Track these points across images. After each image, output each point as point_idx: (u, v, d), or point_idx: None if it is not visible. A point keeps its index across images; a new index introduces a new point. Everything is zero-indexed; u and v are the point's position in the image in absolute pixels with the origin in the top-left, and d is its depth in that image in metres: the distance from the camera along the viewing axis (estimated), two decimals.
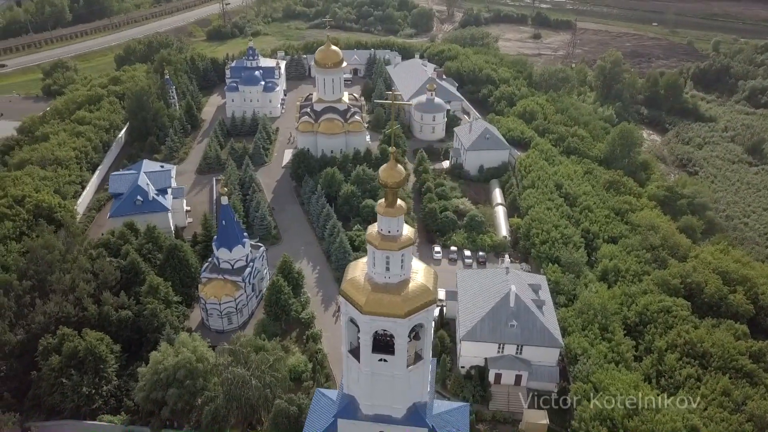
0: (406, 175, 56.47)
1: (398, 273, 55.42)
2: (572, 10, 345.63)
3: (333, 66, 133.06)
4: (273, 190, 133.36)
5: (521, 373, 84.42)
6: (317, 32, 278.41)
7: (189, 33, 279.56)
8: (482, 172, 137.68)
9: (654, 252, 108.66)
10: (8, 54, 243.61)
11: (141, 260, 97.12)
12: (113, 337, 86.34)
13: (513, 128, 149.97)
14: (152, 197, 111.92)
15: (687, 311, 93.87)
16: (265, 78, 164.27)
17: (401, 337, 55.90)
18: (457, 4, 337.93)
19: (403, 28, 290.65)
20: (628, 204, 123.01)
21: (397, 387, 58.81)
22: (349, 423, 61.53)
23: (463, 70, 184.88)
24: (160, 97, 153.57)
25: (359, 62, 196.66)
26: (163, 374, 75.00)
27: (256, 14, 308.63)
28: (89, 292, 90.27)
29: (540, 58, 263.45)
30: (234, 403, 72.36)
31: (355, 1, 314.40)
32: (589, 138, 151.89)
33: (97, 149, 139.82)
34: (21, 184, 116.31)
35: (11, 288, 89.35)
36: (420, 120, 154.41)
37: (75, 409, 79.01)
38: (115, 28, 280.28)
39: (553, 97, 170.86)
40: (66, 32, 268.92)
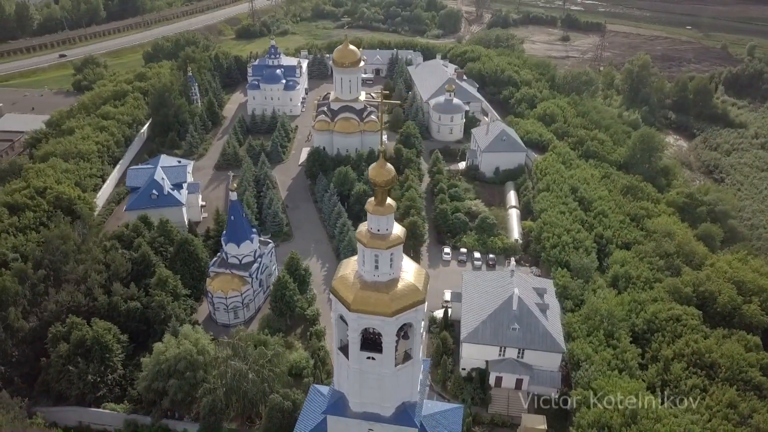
0: (396, 174, 56.44)
1: (387, 272, 55.46)
2: (604, 12, 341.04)
3: (350, 65, 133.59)
4: (288, 188, 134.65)
5: (522, 377, 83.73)
6: (344, 31, 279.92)
7: (219, 31, 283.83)
8: (498, 174, 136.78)
9: (668, 259, 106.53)
10: (44, 50, 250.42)
11: (152, 253, 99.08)
12: (122, 327, 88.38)
13: (531, 131, 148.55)
14: (167, 192, 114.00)
15: (697, 320, 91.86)
16: (286, 76, 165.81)
17: (389, 336, 55.93)
18: (486, 5, 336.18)
19: (430, 28, 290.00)
20: (644, 210, 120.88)
21: (386, 386, 58.82)
22: (338, 420, 61.82)
23: (485, 71, 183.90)
24: (182, 94, 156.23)
25: (381, 62, 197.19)
26: (165, 365, 76.55)
27: (285, 13, 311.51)
28: (100, 283, 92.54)
29: (567, 60, 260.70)
30: (232, 396, 73.37)
31: (383, 2, 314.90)
32: (609, 142, 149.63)
33: (120, 144, 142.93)
34: (43, 176, 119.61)
35: (26, 276, 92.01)
36: (438, 120, 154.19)
37: (80, 396, 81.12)
38: (147, 25, 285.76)
39: (575, 100, 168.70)
40: (99, 29, 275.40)
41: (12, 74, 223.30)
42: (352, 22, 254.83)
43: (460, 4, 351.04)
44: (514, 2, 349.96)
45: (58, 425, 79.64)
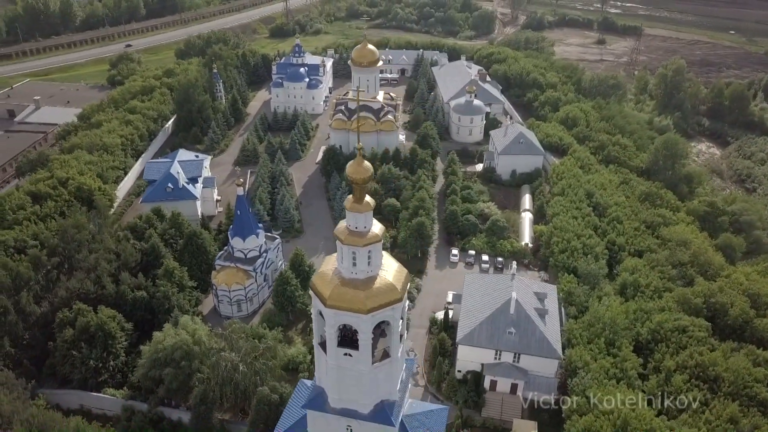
0: (372, 172, 56.74)
1: (365, 269, 55.76)
2: (644, 15, 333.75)
3: (368, 65, 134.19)
4: (303, 185, 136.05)
5: (517, 382, 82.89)
6: (377, 31, 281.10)
7: (253, 30, 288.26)
8: (514, 177, 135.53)
9: (681, 269, 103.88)
10: (84, 45, 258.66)
11: (162, 245, 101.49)
12: (127, 315, 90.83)
13: (551, 134, 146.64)
14: (182, 185, 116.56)
15: (705, 332, 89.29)
16: (309, 75, 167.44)
17: (364, 333, 56.21)
18: (522, 7, 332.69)
19: (463, 30, 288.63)
20: (661, 217, 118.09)
21: (363, 383, 59.11)
22: (317, 415, 62.43)
23: (510, 73, 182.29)
24: (206, 90, 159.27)
25: (407, 62, 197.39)
26: (162, 354, 78.41)
27: (319, 13, 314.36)
28: (110, 272, 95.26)
29: (601, 64, 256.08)
30: (223, 387, 74.66)
31: (417, 2, 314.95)
32: (632, 147, 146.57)
33: (144, 137, 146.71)
34: (67, 167, 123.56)
35: (40, 263, 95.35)
36: (457, 122, 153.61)
37: (83, 380, 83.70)
38: (185, 23, 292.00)
39: (599, 104, 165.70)
40: (138, 26, 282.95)
41: (51, 69, 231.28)
42: (371, 20, 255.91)
43: (496, 5, 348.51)
44: (551, 4, 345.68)
45: (61, 407, 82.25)
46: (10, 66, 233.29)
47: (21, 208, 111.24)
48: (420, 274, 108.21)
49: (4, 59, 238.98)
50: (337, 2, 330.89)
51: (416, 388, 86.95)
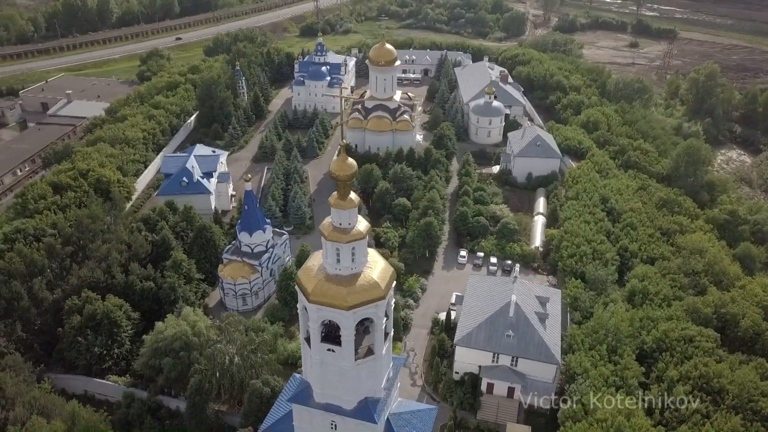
0: (357, 169, 56.97)
1: (348, 266, 56.15)
2: (681, 19, 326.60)
3: (386, 64, 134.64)
4: (318, 183, 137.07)
5: (514, 385, 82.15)
6: (407, 32, 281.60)
7: (284, 29, 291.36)
8: (530, 180, 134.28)
9: (694, 277, 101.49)
10: (118, 42, 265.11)
11: (173, 237, 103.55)
12: (135, 305, 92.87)
13: (570, 137, 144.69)
14: (197, 179, 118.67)
15: (713, 343, 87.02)
16: (331, 74, 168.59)
17: (347, 329, 56.59)
18: (555, 8, 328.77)
19: (493, 31, 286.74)
20: (678, 225, 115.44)
21: (346, 379, 59.49)
22: (302, 409, 63.02)
23: (533, 75, 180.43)
24: (228, 87, 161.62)
25: (430, 63, 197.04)
26: (162, 343, 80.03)
27: (350, 12, 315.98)
28: (120, 262, 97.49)
29: (633, 67, 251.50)
30: (219, 378, 75.79)
31: (448, 3, 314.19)
32: (654, 153, 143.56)
33: (165, 132, 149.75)
34: (88, 159, 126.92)
35: (55, 251, 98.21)
36: (476, 123, 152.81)
37: (87, 366, 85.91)
38: (217, 21, 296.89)
39: (623, 108, 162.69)
40: (172, 23, 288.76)
41: (86, 64, 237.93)
42: (388, 18, 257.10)
43: (529, 7, 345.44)
44: (585, 7, 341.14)
45: (66, 392, 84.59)
46: (47, 61, 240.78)
47: (42, 198, 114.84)
48: (426, 274, 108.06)
49: (42, 54, 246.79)
50: (368, 2, 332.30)
51: (413, 388, 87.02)
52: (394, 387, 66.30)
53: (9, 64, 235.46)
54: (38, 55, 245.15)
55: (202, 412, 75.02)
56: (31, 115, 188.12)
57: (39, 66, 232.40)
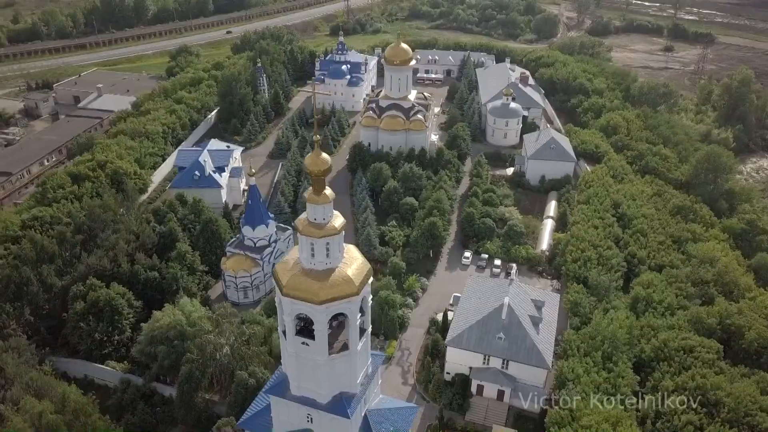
0: (330, 165, 57.47)
1: (323, 260, 56.68)
2: (721, 23, 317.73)
3: (401, 63, 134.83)
4: (330, 180, 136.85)
5: (504, 388, 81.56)
6: (436, 32, 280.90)
7: (315, 27, 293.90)
8: (543, 183, 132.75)
9: (702, 287, 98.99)
10: (152, 38, 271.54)
11: (179, 229, 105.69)
12: (139, 294, 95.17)
13: (587, 141, 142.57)
14: (208, 173, 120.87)
15: (714, 355, 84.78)
16: (351, 73, 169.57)
17: (319, 324, 57.14)
18: (589, 11, 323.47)
19: (524, 33, 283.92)
20: (690, 233, 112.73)
21: (320, 372, 60.05)
22: (279, 401, 63.82)
23: (556, 77, 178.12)
24: (249, 84, 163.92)
25: (453, 63, 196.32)
26: (158, 332, 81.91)
27: (381, 12, 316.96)
28: (127, 251, 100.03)
29: (665, 72, 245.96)
30: (208, 368, 77.21)
31: (479, 4, 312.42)
32: (673, 159, 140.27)
33: (185, 127, 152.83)
34: (108, 151, 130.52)
35: (65, 239, 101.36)
36: (493, 124, 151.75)
37: (88, 351, 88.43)
38: (249, 19, 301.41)
39: (645, 113, 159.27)
40: (206, 21, 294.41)
41: (120, 59, 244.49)
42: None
43: (563, 9, 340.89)
44: (621, 9, 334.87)
45: (68, 375, 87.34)
46: (83, 55, 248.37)
47: (60, 188, 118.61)
48: (429, 274, 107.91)
49: (79, 49, 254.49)
50: (399, 2, 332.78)
51: (405, 386, 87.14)
52: (373, 383, 66.59)
53: (47, 59, 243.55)
54: (75, 50, 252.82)
55: (191, 400, 76.51)
56: (63, 107, 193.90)
57: (75, 60, 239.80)
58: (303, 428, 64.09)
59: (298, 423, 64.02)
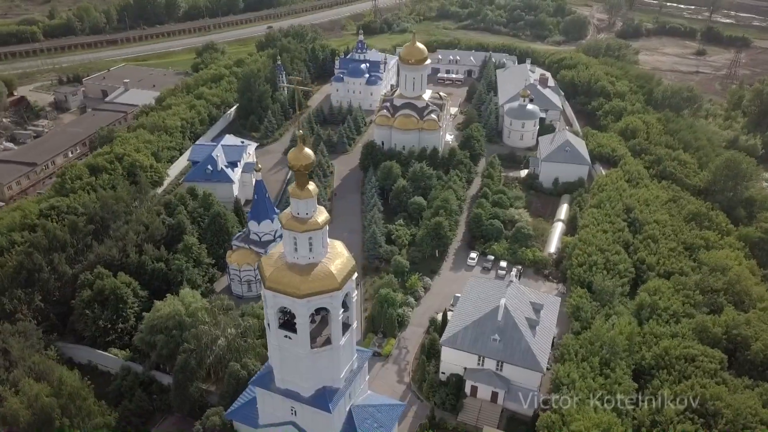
0: (314, 160, 57.94)
1: (306, 255, 57.43)
2: (758, 27, 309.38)
3: (416, 63, 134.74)
4: (342, 178, 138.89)
5: (498, 390, 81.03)
6: (463, 33, 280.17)
7: (342, 26, 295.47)
8: (556, 186, 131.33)
9: (711, 295, 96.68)
10: (182, 35, 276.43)
11: (188, 222, 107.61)
12: (145, 284, 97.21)
13: (603, 144, 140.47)
14: (221, 168, 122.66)
15: (717, 365, 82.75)
16: (370, 71, 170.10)
17: (301, 317, 58.01)
18: (621, 13, 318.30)
19: (553, 34, 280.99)
20: (703, 240, 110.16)
21: (303, 366, 60.84)
22: (264, 392, 64.86)
23: (577, 79, 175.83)
24: (268, 81, 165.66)
25: (474, 64, 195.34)
26: (157, 321, 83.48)
27: (410, 12, 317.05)
28: (136, 242, 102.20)
29: (696, 75, 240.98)
30: (203, 358, 78.49)
31: (508, 4, 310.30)
32: (693, 164, 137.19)
33: (204, 122, 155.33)
34: (126, 144, 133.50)
35: (77, 229, 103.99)
36: (509, 125, 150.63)
37: (93, 338, 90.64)
38: (278, 17, 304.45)
39: (667, 117, 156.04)
40: (235, 19, 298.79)
41: (149, 55, 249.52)
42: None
43: (594, 11, 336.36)
44: (654, 12, 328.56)
45: (73, 360, 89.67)
46: (114, 51, 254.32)
47: (78, 178, 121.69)
48: (433, 274, 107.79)
49: (110, 45, 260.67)
50: (428, 2, 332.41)
51: (400, 384, 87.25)
52: (358, 379, 67.04)
53: (80, 53, 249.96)
54: (106, 46, 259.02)
55: (185, 389, 77.83)
56: (91, 101, 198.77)
57: (106, 56, 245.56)
58: (287, 421, 64.95)
59: (282, 415, 64.88)
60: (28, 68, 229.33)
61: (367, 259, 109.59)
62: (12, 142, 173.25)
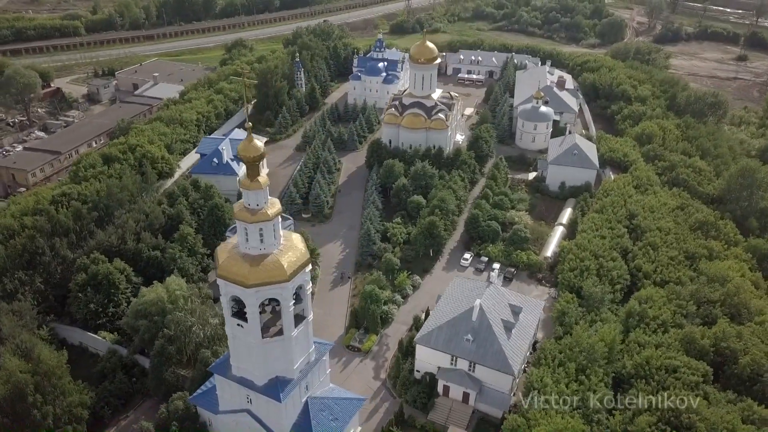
0: (263, 152, 58.89)
1: (257, 245, 58.57)
2: None
3: (426, 62, 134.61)
4: (349, 175, 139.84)
5: (469, 391, 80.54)
6: (496, 34, 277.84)
7: (375, 25, 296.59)
8: (563, 189, 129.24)
9: (706, 306, 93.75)
10: (217, 32, 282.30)
11: (188, 212, 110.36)
12: (140, 270, 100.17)
13: (615, 149, 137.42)
14: (226, 161, 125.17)
15: (699, 377, 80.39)
16: (387, 70, 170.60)
17: (251, 307, 59.22)
18: (663, 16, 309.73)
19: (588, 37, 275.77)
20: (707, 249, 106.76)
21: (255, 355, 62.08)
22: (222, 380, 66.37)
23: (599, 83, 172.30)
24: (284, 78, 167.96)
25: (495, 65, 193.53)
26: (141, 307, 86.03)
27: (445, 12, 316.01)
28: (134, 230, 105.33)
29: (734, 82, 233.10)
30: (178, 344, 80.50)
31: (544, 6, 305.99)
32: (708, 172, 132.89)
33: (220, 116, 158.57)
34: (140, 135, 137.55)
35: (81, 215, 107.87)
36: (521, 127, 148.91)
37: (84, 320, 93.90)
38: (313, 15, 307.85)
39: (687, 123, 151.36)
40: (270, 17, 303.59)
41: (183, 50, 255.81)
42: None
43: (635, 14, 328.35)
44: (697, 15, 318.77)
45: (67, 341, 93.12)
46: (149, 46, 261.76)
47: (92, 167, 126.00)
48: (425, 273, 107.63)
49: (147, 40, 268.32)
50: (464, 2, 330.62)
51: (375, 381, 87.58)
52: (316, 371, 67.84)
53: (118, 48, 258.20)
54: (143, 41, 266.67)
55: (161, 374, 80.00)
56: (122, 94, 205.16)
57: (142, 50, 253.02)
58: (243, 408, 66.27)
59: (239, 403, 66.30)
60: (67, 61, 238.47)
61: (361, 255, 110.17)
62: (44, 131, 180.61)
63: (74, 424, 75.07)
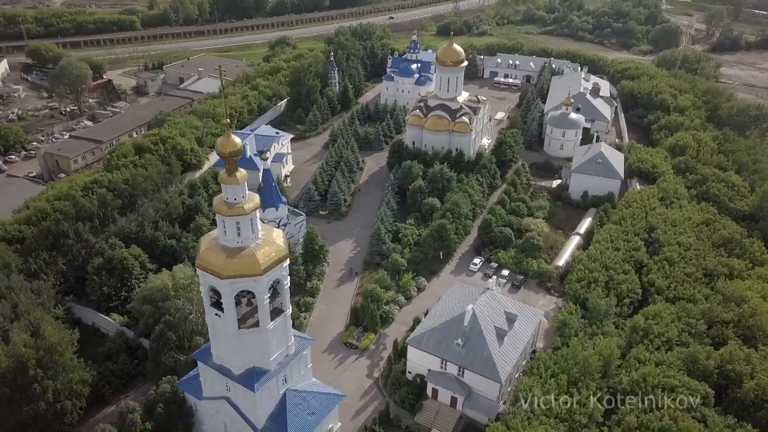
0: (241, 147, 60.39)
1: (234, 239, 60.29)
2: None
3: (453, 64, 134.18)
4: (371, 174, 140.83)
5: (457, 396, 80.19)
6: (544, 38, 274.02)
7: (422, 26, 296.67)
8: (585, 198, 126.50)
9: (718, 327, 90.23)
10: (266, 29, 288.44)
11: (206, 204, 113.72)
12: (156, 257, 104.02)
13: (644, 159, 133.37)
14: (249, 156, 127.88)
15: (698, 399, 77.53)
16: (420, 71, 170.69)
17: (226, 297, 60.86)
18: (723, 23, 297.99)
19: (640, 43, 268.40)
20: (727, 268, 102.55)
21: (232, 344, 63.78)
22: (203, 367, 68.43)
23: (637, 91, 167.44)
24: (318, 76, 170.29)
25: (533, 70, 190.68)
26: (148, 293, 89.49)
27: (494, 15, 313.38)
28: (153, 219, 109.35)
29: None
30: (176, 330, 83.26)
31: (597, 11, 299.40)
32: (743, 187, 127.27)
33: (252, 112, 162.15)
34: (173, 128, 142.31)
35: (106, 202, 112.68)
36: (550, 134, 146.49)
37: (98, 302, 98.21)
38: (360, 15, 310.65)
39: (726, 136, 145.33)
40: (318, 15, 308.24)
41: (232, 47, 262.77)
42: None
43: (693, 21, 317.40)
44: (761, 23, 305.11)
45: (82, 321, 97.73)
46: (200, 41, 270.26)
47: (124, 156, 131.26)
48: (432, 275, 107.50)
49: (198, 35, 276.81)
50: (514, 5, 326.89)
51: (368, 379, 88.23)
52: (296, 364, 68.97)
53: (170, 42, 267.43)
54: (194, 36, 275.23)
55: (159, 357, 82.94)
56: (169, 87, 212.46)
57: (192, 45, 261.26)
58: (223, 395, 68.13)
59: (219, 390, 68.16)
60: (121, 54, 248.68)
61: (370, 254, 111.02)
62: (92, 120, 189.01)
63: (74, 399, 78.78)
